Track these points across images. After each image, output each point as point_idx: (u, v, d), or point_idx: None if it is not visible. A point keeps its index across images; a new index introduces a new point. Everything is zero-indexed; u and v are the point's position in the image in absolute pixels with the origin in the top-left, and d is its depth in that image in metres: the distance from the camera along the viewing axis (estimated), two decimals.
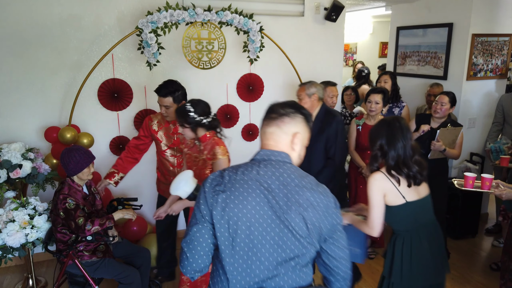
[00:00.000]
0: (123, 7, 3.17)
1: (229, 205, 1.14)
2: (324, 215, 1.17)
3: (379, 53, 7.99)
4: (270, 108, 1.30)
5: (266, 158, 1.23)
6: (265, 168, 1.20)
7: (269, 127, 1.27)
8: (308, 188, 1.18)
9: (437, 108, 3.20)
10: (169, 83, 2.60)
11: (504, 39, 4.12)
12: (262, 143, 1.29)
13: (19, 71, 3.01)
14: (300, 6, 3.77)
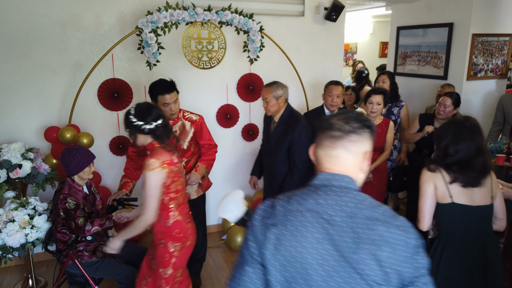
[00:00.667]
0: (123, 7, 3.17)
1: (282, 243, 0.95)
2: (404, 255, 0.93)
3: (379, 53, 7.99)
4: (329, 124, 1.05)
5: (326, 184, 1.03)
6: (326, 195, 1.00)
7: (332, 149, 1.03)
8: (382, 221, 0.96)
9: (440, 110, 3.22)
10: (162, 81, 2.59)
11: (504, 39, 4.12)
12: (320, 166, 1.07)
13: (19, 71, 3.01)
14: (300, 6, 3.76)
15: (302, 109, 3.96)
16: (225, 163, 3.79)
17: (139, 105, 2.04)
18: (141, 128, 1.97)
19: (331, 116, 1.08)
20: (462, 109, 3.98)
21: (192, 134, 2.73)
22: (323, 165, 1.07)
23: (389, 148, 3.26)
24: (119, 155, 3.38)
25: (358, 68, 5.40)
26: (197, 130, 2.76)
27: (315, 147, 1.10)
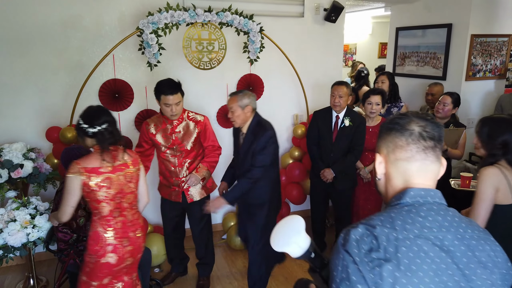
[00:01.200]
0: (124, 8, 3.19)
1: (400, 281, 0.78)
2: (505, 275, 0.86)
3: (378, 53, 8.01)
4: (418, 133, 0.91)
5: (421, 202, 0.89)
6: (429, 217, 0.86)
7: (427, 161, 0.91)
8: (484, 239, 0.88)
9: (439, 108, 3.21)
10: (167, 80, 2.58)
11: (503, 39, 4.14)
12: (406, 182, 0.93)
13: (21, 71, 3.02)
14: (300, 7, 3.78)
15: (302, 109, 3.98)
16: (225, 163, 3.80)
17: (88, 108, 2.03)
18: (86, 130, 1.95)
19: (408, 121, 0.93)
20: (461, 109, 4.00)
21: (196, 135, 2.71)
22: (412, 180, 0.92)
23: None
24: None
25: (359, 68, 5.42)
26: (201, 131, 2.73)
27: (391, 160, 0.94)
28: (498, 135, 1.79)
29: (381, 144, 0.98)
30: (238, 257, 3.49)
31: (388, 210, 0.91)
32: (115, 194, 1.98)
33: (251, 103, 2.53)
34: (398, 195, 0.92)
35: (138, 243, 2.09)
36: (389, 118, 0.98)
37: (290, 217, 1.24)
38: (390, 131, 0.95)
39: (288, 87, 3.88)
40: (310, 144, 3.24)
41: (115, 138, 1.99)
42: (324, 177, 3.12)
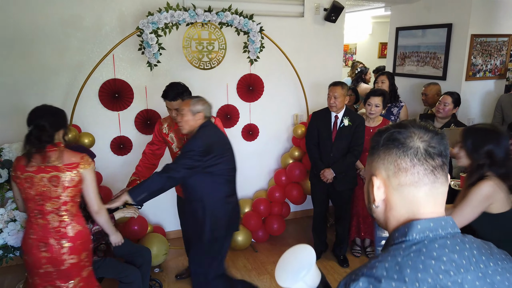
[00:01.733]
0: (124, 8, 3.19)
1: None
2: None
3: (378, 53, 8.01)
4: (428, 148, 0.76)
5: (431, 236, 0.75)
6: (444, 256, 0.71)
7: (437, 184, 0.77)
8: (509, 269, 0.76)
9: (440, 108, 3.22)
10: (174, 85, 2.59)
11: (503, 39, 4.14)
12: (415, 211, 0.78)
13: (20, 71, 3.02)
14: (300, 7, 3.78)
15: (302, 109, 3.98)
16: None
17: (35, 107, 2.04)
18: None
19: (408, 136, 0.77)
20: (461, 109, 4.00)
21: None
22: (419, 209, 0.77)
23: None
24: (120, 155, 3.40)
25: (359, 68, 5.42)
26: None
27: (393, 185, 0.79)
28: (482, 145, 1.77)
29: (379, 165, 0.81)
30: (238, 257, 3.49)
31: (392, 251, 0.75)
32: (35, 195, 1.92)
33: (205, 111, 2.33)
34: (402, 229, 0.77)
35: (59, 254, 1.93)
36: (382, 131, 0.82)
37: (300, 248, 1.08)
38: (389, 150, 0.78)
39: (288, 87, 3.88)
40: (310, 144, 3.24)
41: (41, 143, 1.91)
42: (324, 177, 3.12)
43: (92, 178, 2.02)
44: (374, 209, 0.84)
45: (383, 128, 0.83)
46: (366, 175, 0.87)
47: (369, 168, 0.85)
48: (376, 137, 0.83)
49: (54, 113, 2.04)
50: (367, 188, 0.86)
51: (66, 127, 2.08)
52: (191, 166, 2.20)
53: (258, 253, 3.55)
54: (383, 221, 0.85)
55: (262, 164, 3.97)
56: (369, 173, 0.85)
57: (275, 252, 3.57)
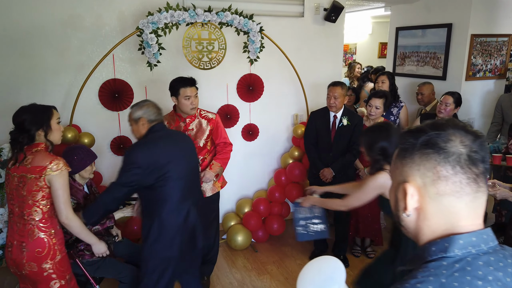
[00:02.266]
0: (124, 8, 3.19)
1: None
2: None
3: (378, 53, 8.01)
4: (471, 154, 0.70)
5: (473, 252, 0.69)
6: (489, 275, 0.67)
7: (479, 193, 0.72)
8: None
9: (441, 108, 3.25)
10: (183, 76, 2.67)
11: (503, 39, 4.14)
12: (454, 224, 0.72)
13: (20, 71, 3.02)
14: (300, 7, 3.78)
15: (302, 109, 3.98)
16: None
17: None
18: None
19: (448, 139, 0.70)
20: (461, 109, 4.00)
21: (208, 132, 2.80)
22: (459, 221, 0.72)
23: None
24: (120, 155, 3.39)
25: (365, 68, 5.42)
26: (213, 128, 2.82)
27: (430, 194, 0.72)
28: (376, 143, 1.95)
29: (412, 171, 0.74)
30: (238, 257, 3.49)
31: (433, 270, 0.68)
32: (9, 194, 1.94)
33: (145, 114, 2.12)
34: (441, 244, 0.71)
35: (19, 257, 1.88)
36: (416, 131, 0.75)
37: (327, 260, 1.00)
38: (427, 155, 0.71)
39: (288, 87, 3.88)
40: (308, 144, 3.24)
41: (17, 144, 1.91)
42: (324, 177, 3.12)
43: (61, 184, 1.89)
44: (404, 217, 0.78)
45: (416, 129, 0.76)
46: (393, 180, 0.80)
47: (398, 173, 0.78)
48: (409, 138, 0.75)
49: (35, 111, 1.97)
50: (395, 194, 0.79)
51: (47, 125, 1.98)
52: (132, 183, 2.00)
53: (258, 253, 3.55)
54: (413, 230, 0.78)
55: (262, 164, 3.97)
56: (398, 179, 0.78)
57: (275, 252, 3.57)
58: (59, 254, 1.97)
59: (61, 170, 1.90)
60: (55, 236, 1.96)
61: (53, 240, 1.94)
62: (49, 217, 1.95)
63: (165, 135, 2.16)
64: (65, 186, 1.92)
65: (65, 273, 2.00)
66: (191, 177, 2.20)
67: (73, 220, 1.98)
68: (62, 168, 1.91)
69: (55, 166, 1.89)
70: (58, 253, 1.96)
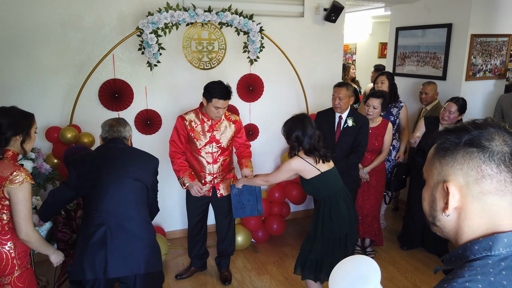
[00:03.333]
0: (124, 8, 3.19)
1: None
2: None
3: (378, 53, 8.01)
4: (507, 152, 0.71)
5: None
6: None
7: None
8: None
9: (445, 116, 3.22)
10: (222, 84, 2.68)
11: (503, 39, 4.14)
12: (496, 222, 0.72)
13: (20, 71, 3.02)
14: (300, 7, 3.78)
15: (302, 109, 3.98)
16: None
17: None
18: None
19: (491, 138, 0.71)
20: None
21: (233, 133, 2.85)
22: (501, 220, 0.72)
23: (387, 149, 3.27)
24: None
25: (352, 70, 5.42)
26: (237, 130, 2.88)
27: (473, 193, 0.72)
28: (292, 132, 2.33)
29: (454, 170, 0.73)
30: (238, 257, 3.49)
31: (480, 268, 0.68)
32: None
33: (102, 133, 2.24)
34: (484, 242, 0.71)
35: None
36: (458, 130, 0.75)
37: (361, 259, 0.97)
38: (471, 154, 0.71)
39: (288, 87, 3.87)
40: None
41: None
42: None
43: (20, 198, 1.76)
44: (441, 217, 0.77)
45: (457, 128, 0.75)
46: (430, 179, 0.80)
47: (436, 172, 0.77)
48: (449, 137, 0.75)
49: (15, 115, 1.86)
50: (431, 194, 0.79)
51: (26, 132, 1.89)
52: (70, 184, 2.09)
53: (258, 253, 3.55)
54: (451, 230, 0.77)
55: (262, 164, 3.97)
56: (436, 178, 0.77)
57: (275, 252, 3.57)
58: (18, 269, 1.84)
59: (21, 183, 1.76)
60: (15, 249, 1.84)
61: (12, 254, 1.82)
62: (9, 229, 1.83)
63: (95, 155, 2.15)
64: (25, 201, 1.77)
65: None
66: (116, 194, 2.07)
67: (33, 236, 1.84)
68: (23, 180, 1.76)
69: (15, 178, 1.75)
70: (18, 268, 1.84)
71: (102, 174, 2.04)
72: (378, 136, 3.20)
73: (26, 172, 1.81)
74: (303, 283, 3.06)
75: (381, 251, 3.55)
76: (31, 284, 1.92)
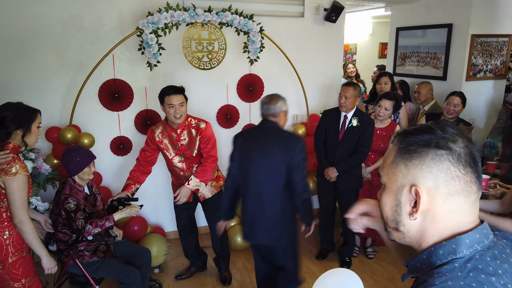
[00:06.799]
0: (124, 8, 3.19)
1: None
2: None
3: (378, 53, 8.00)
4: (474, 153, 0.73)
5: (479, 249, 0.71)
6: (499, 269, 0.70)
7: (480, 191, 0.74)
8: None
9: (450, 109, 3.25)
10: (171, 85, 2.64)
11: (504, 39, 4.13)
12: (459, 222, 0.73)
13: (20, 71, 3.02)
14: (300, 7, 3.78)
15: (302, 109, 3.97)
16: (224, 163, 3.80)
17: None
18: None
19: (455, 140, 0.72)
20: None
21: (198, 142, 2.72)
22: (463, 219, 0.73)
23: None
24: (119, 155, 3.39)
25: (351, 69, 5.42)
26: (202, 137, 2.73)
27: (441, 195, 0.71)
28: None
29: (423, 173, 0.72)
30: (238, 258, 3.48)
31: (448, 273, 0.68)
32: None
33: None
34: (448, 246, 0.71)
35: None
36: (421, 131, 0.73)
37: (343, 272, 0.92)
38: (440, 156, 0.70)
39: (288, 87, 3.87)
40: (317, 142, 3.25)
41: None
42: (328, 176, 3.12)
43: (14, 189, 1.88)
44: (407, 221, 0.75)
45: (419, 129, 0.74)
46: (392, 182, 0.77)
47: (401, 175, 0.75)
48: (415, 139, 0.73)
49: (19, 110, 1.96)
50: (395, 198, 0.76)
51: (27, 127, 1.98)
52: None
53: None
54: (415, 234, 0.76)
55: None
56: (399, 181, 0.75)
57: None
58: (12, 256, 1.93)
59: (15, 174, 1.87)
60: (10, 237, 1.93)
61: (7, 242, 1.92)
62: (7, 218, 1.94)
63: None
64: (19, 191, 1.89)
65: (18, 276, 1.96)
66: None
67: (26, 224, 1.94)
68: (17, 172, 1.87)
69: (10, 169, 1.86)
70: (11, 255, 1.93)
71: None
72: (385, 137, 3.19)
73: (21, 164, 1.90)
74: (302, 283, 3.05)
75: (382, 251, 3.55)
76: (26, 271, 2.00)
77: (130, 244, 2.72)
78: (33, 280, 2.03)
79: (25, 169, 1.93)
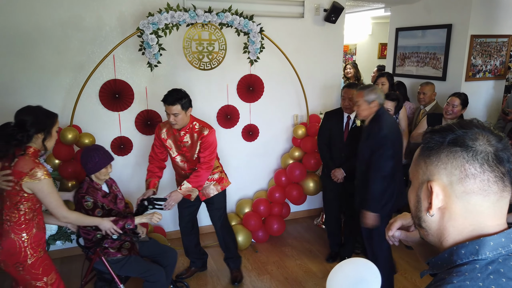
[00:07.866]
0: (124, 8, 3.20)
1: None
2: None
3: (378, 54, 8.01)
4: (498, 153, 0.71)
5: (503, 253, 0.70)
6: None
7: (505, 193, 0.72)
8: None
9: (449, 110, 3.28)
10: (175, 91, 2.60)
11: (503, 40, 4.14)
12: (481, 224, 0.72)
13: (21, 72, 3.03)
14: (300, 8, 3.79)
15: (302, 110, 3.98)
16: (224, 164, 3.81)
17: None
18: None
19: (474, 138, 0.71)
20: None
21: (199, 146, 2.71)
22: (485, 221, 0.72)
23: None
24: (120, 156, 3.40)
25: (348, 69, 5.43)
26: (202, 143, 2.69)
27: (456, 193, 0.72)
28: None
29: (439, 169, 0.73)
30: None
31: (468, 273, 0.68)
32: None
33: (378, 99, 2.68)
34: (470, 246, 0.71)
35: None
36: (443, 130, 0.75)
37: (361, 262, 0.93)
38: (455, 153, 0.71)
39: (288, 87, 3.88)
40: (321, 143, 3.26)
41: (15, 141, 1.90)
42: (335, 177, 3.13)
43: (45, 193, 1.92)
44: (426, 218, 0.77)
45: (442, 128, 0.75)
46: (415, 179, 0.79)
47: (421, 172, 0.77)
48: (434, 137, 0.75)
49: (40, 114, 1.98)
50: (416, 194, 0.79)
51: (48, 131, 1.99)
52: None
53: (258, 254, 3.55)
54: (435, 231, 0.77)
55: (262, 164, 3.97)
56: (420, 178, 0.77)
57: (275, 253, 3.57)
58: (30, 257, 1.95)
59: (40, 179, 1.89)
60: (28, 239, 1.95)
61: (25, 244, 1.94)
62: (25, 221, 1.94)
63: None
64: (50, 194, 1.94)
65: (40, 275, 1.99)
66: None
67: (70, 217, 2.07)
68: (41, 177, 1.89)
69: (35, 174, 1.88)
70: (30, 257, 1.95)
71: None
72: None
73: (44, 168, 1.94)
74: (303, 283, 3.06)
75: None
76: (46, 270, 2.02)
77: (157, 243, 2.70)
78: (55, 277, 2.06)
79: (47, 172, 1.94)
